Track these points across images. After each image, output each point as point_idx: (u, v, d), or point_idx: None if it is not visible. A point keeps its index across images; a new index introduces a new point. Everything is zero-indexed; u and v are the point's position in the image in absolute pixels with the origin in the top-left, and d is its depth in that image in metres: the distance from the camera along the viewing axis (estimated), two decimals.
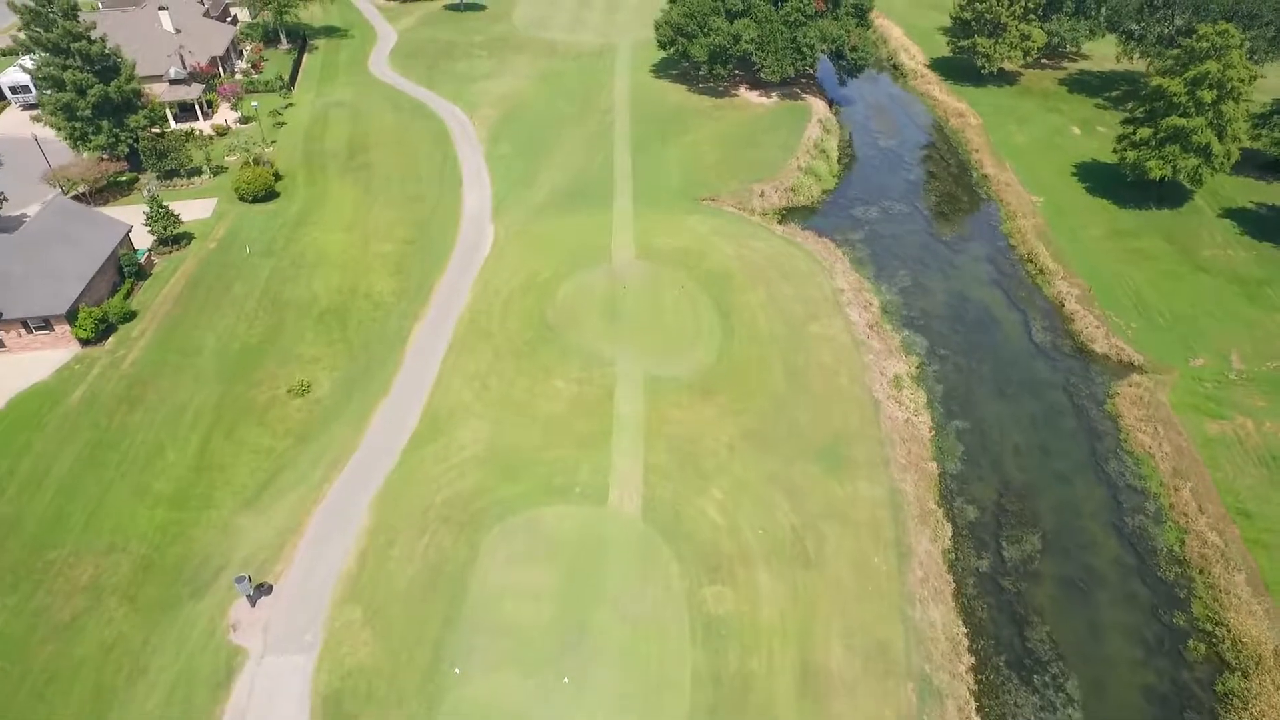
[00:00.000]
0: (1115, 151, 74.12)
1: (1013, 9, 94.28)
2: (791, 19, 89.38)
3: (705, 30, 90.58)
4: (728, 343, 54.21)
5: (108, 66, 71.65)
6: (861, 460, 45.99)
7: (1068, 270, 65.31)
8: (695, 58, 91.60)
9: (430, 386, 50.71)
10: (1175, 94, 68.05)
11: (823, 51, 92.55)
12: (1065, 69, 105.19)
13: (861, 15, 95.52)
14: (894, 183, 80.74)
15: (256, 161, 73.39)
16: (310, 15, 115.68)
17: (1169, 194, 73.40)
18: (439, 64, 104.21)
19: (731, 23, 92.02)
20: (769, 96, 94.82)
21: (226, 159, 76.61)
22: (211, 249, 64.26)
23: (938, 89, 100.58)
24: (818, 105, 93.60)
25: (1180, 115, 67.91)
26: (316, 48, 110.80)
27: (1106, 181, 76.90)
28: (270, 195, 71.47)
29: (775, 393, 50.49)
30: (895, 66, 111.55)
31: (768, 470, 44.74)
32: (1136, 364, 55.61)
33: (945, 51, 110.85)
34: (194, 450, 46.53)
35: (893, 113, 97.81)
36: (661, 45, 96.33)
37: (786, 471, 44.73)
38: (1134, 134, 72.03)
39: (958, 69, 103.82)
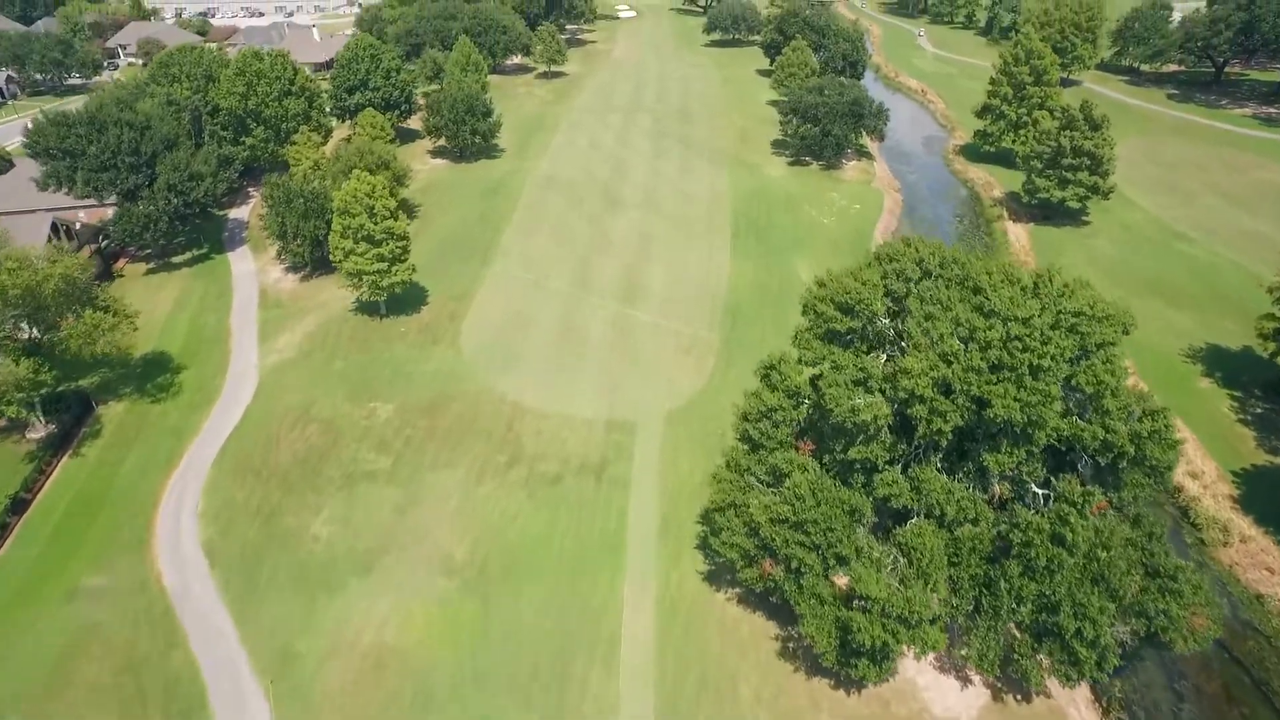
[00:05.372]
0: None
1: None
2: (1044, 565, 37.39)
3: (832, 558, 39.33)
4: None
5: None
6: None
7: None
8: (808, 635, 40.02)
9: None
10: None
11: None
12: None
13: (1155, 476, 43.42)
14: None
15: None
16: (132, 336, 66.20)
17: None
18: (283, 514, 53.07)
19: (893, 532, 40.78)
20: (970, 681, 42.80)
21: None
22: None
23: None
24: None
25: None
26: (100, 426, 62.04)
27: None
28: None
29: None
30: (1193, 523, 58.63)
31: None
32: None
33: None
34: None
35: None
36: (729, 560, 45.07)
37: None
38: None
39: None
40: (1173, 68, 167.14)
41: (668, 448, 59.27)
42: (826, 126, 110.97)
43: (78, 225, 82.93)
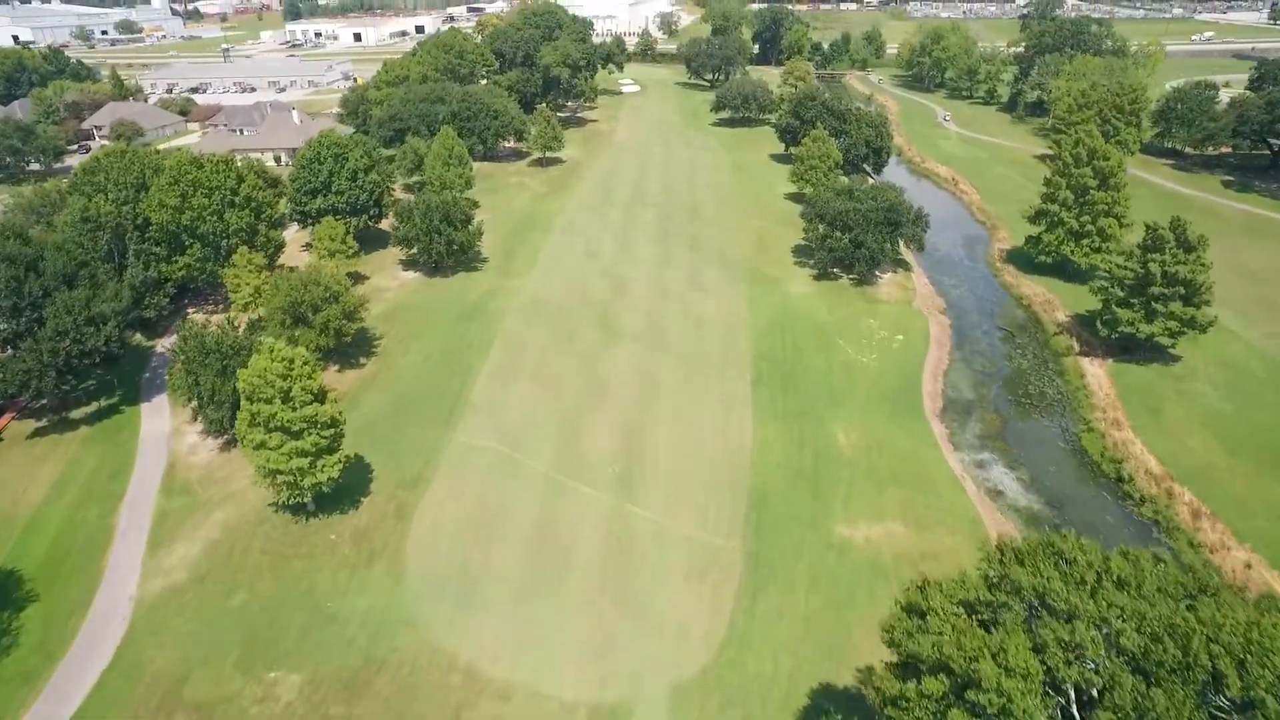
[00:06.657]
0: None
1: None
2: None
3: None
4: None
5: None
6: None
7: None
8: None
9: None
10: None
11: None
12: None
13: None
14: None
15: None
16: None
17: None
18: None
19: None
20: None
21: None
22: None
23: None
24: None
25: None
26: None
27: None
28: None
29: None
30: None
31: None
32: None
33: None
34: None
35: None
36: None
37: None
38: None
39: None
40: (1223, 149, 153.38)
41: None
42: (858, 236, 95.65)
43: None
